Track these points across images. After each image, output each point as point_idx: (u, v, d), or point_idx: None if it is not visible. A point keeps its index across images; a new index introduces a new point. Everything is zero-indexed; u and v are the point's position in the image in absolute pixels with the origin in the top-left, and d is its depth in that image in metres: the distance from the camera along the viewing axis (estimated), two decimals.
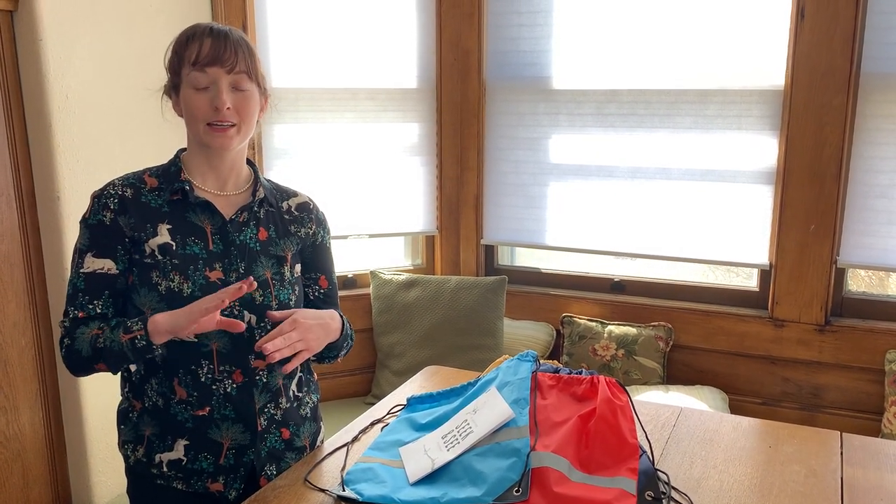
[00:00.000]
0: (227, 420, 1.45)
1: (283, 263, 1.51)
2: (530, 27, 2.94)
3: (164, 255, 1.41)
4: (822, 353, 2.70)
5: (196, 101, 1.39)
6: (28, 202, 2.20)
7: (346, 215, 3.05)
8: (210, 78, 1.38)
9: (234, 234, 1.46)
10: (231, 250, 1.45)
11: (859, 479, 1.43)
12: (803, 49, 2.56)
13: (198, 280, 1.41)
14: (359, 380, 3.10)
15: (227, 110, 1.38)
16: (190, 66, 1.38)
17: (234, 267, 1.44)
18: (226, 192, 1.49)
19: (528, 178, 3.06)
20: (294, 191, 1.61)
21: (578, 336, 2.92)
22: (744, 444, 1.57)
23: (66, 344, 1.40)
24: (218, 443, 1.46)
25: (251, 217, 1.49)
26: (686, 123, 2.78)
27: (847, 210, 2.62)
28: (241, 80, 1.40)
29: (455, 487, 1.30)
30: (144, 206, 1.43)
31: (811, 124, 2.58)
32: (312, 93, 2.93)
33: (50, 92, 2.16)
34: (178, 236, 1.42)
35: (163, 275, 1.40)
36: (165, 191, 1.44)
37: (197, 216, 1.45)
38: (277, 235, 1.52)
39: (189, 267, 1.41)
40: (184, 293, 1.40)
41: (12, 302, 2.17)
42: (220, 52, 1.37)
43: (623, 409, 1.36)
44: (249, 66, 1.41)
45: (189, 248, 1.43)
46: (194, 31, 1.40)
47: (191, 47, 1.38)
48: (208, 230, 1.45)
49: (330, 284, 1.62)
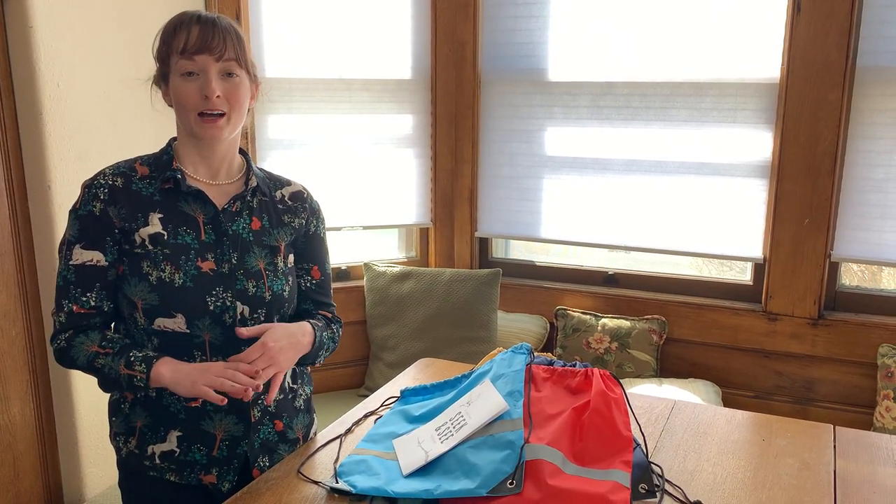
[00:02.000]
0: (220, 411, 1.44)
1: (276, 254, 1.50)
2: (526, 19, 2.93)
3: (156, 245, 1.39)
4: (815, 347, 2.71)
5: (185, 89, 1.37)
6: (19, 192, 2.18)
7: (339, 207, 3.03)
8: (199, 66, 1.36)
9: (227, 223, 1.45)
10: (223, 240, 1.44)
11: (852, 472, 1.43)
12: (799, 42, 2.55)
13: (189, 270, 1.40)
14: (352, 372, 3.09)
15: (216, 98, 1.37)
16: (178, 55, 1.36)
17: (227, 258, 1.43)
18: (218, 181, 1.47)
19: (522, 170, 3.05)
20: (288, 180, 1.59)
21: (572, 329, 2.92)
22: (737, 438, 1.57)
23: (61, 346, 1.40)
24: (211, 434, 1.45)
25: (244, 206, 1.48)
26: (681, 116, 2.78)
27: (841, 204, 2.62)
28: (230, 68, 1.39)
29: (449, 479, 1.30)
30: (135, 194, 1.41)
31: (806, 118, 2.58)
32: (307, 83, 2.91)
33: (41, 80, 2.14)
34: (169, 226, 1.41)
35: (154, 265, 1.39)
36: (157, 179, 1.43)
37: (189, 205, 1.43)
38: (271, 225, 1.50)
39: (181, 257, 1.40)
40: (175, 283, 1.39)
41: (3, 292, 2.15)
42: (209, 39, 1.36)
43: (617, 401, 1.36)
44: (238, 53, 1.40)
45: (181, 237, 1.41)
46: (181, 19, 1.38)
47: (178, 36, 1.36)
48: (200, 220, 1.43)
49: (323, 275, 1.60)
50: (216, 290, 1.41)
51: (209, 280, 1.41)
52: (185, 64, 1.36)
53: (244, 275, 1.44)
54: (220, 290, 1.41)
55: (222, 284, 1.42)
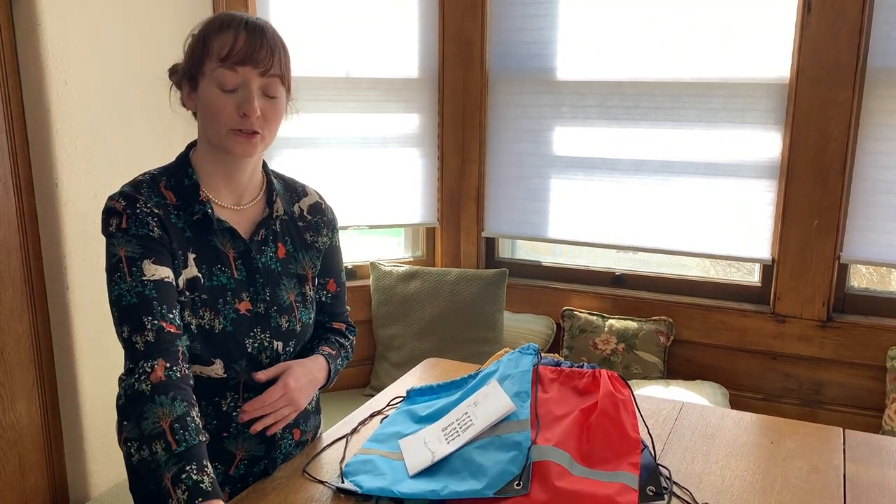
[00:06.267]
0: (244, 432, 1.40)
1: (304, 283, 1.44)
2: (534, 18, 2.92)
3: (193, 291, 1.30)
4: (823, 350, 2.69)
5: (221, 101, 1.25)
6: (26, 189, 2.18)
7: (346, 206, 3.03)
8: (240, 78, 1.24)
9: (257, 256, 1.37)
10: (256, 277, 1.37)
11: (862, 476, 1.42)
12: (809, 43, 2.53)
13: (228, 314, 1.33)
14: (358, 371, 3.09)
15: (255, 118, 1.26)
16: (218, 61, 1.24)
17: (261, 296, 1.37)
18: (242, 204, 1.38)
19: (530, 170, 3.04)
20: (303, 187, 1.52)
21: (579, 330, 2.91)
22: (745, 440, 1.55)
23: (141, 390, 1.16)
24: (231, 453, 1.40)
25: (269, 233, 1.40)
26: (690, 116, 2.76)
27: (851, 205, 2.61)
28: (272, 85, 1.28)
29: (455, 480, 1.29)
30: (174, 227, 1.30)
31: (816, 119, 2.56)
32: (314, 82, 2.91)
33: (49, 78, 2.13)
34: (203, 266, 1.32)
35: (193, 313, 1.30)
36: (185, 211, 1.32)
37: (219, 239, 1.34)
38: (295, 249, 1.44)
39: (218, 300, 1.32)
40: (215, 329, 1.31)
41: (9, 290, 2.15)
42: (256, 49, 1.24)
43: (625, 403, 1.35)
44: (283, 69, 1.29)
45: (216, 278, 1.33)
46: (229, 20, 1.25)
47: (223, 38, 1.24)
48: (231, 256, 1.35)
49: (338, 287, 1.56)
50: (254, 332, 1.35)
51: (247, 321, 1.35)
52: (226, 73, 1.24)
53: (277, 311, 1.39)
54: (258, 331, 1.36)
55: (259, 325, 1.36)
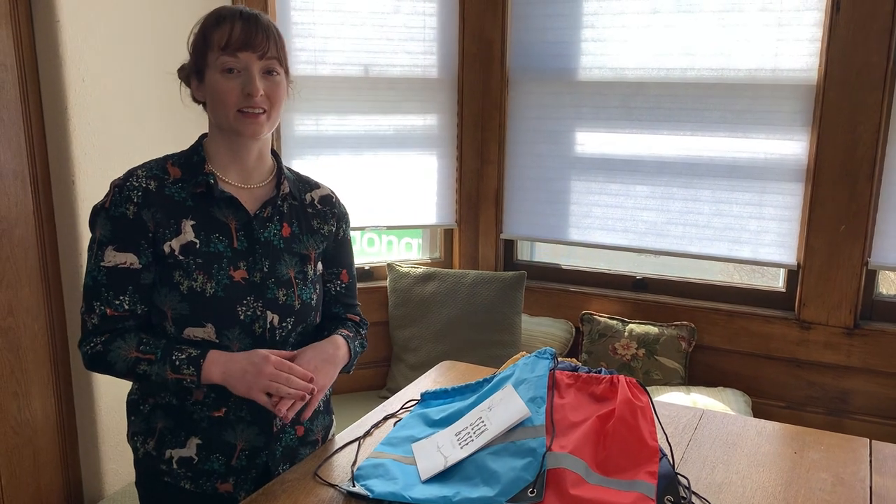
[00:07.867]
0: (243, 422, 1.42)
1: (306, 262, 1.48)
2: (556, 17, 2.89)
3: (187, 255, 1.37)
4: (850, 357, 2.63)
5: (226, 86, 1.34)
6: (43, 186, 2.18)
7: (363, 206, 3.01)
8: (241, 63, 1.34)
9: (259, 230, 1.42)
10: (256, 248, 1.41)
11: (890, 489, 1.37)
12: (838, 44, 2.48)
13: (221, 280, 1.38)
14: (373, 373, 3.07)
15: (259, 96, 1.35)
16: (219, 51, 1.33)
17: (259, 266, 1.41)
18: (250, 184, 1.44)
19: (550, 171, 3.01)
20: (316, 182, 1.57)
21: (598, 334, 2.87)
22: (768, 450, 1.51)
23: (96, 350, 1.36)
24: (231, 444, 1.43)
25: (275, 212, 1.45)
26: (714, 118, 2.71)
27: (880, 210, 2.54)
28: (272, 66, 1.37)
29: (468, 486, 1.27)
30: (168, 199, 1.38)
31: (844, 121, 2.51)
32: (332, 81, 2.90)
33: (67, 74, 2.14)
34: (202, 233, 1.38)
35: (185, 275, 1.36)
36: (189, 183, 1.39)
37: (221, 211, 1.40)
38: (301, 231, 1.48)
39: (213, 266, 1.38)
40: (206, 293, 1.36)
41: (26, 287, 2.15)
42: (252, 36, 1.33)
43: (643, 410, 1.31)
44: (279, 51, 1.38)
45: (213, 245, 1.39)
46: (223, 13, 1.35)
47: (221, 30, 1.34)
48: (233, 226, 1.41)
49: (350, 278, 1.60)
50: (247, 300, 1.39)
51: (240, 289, 1.39)
52: (228, 60, 1.33)
53: (275, 283, 1.42)
54: (251, 299, 1.39)
55: (253, 293, 1.40)
